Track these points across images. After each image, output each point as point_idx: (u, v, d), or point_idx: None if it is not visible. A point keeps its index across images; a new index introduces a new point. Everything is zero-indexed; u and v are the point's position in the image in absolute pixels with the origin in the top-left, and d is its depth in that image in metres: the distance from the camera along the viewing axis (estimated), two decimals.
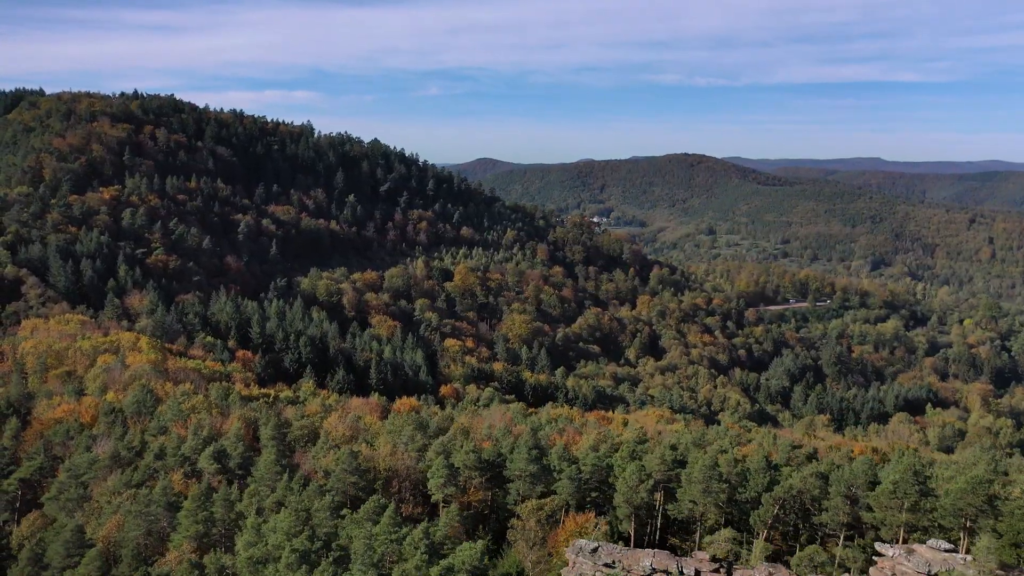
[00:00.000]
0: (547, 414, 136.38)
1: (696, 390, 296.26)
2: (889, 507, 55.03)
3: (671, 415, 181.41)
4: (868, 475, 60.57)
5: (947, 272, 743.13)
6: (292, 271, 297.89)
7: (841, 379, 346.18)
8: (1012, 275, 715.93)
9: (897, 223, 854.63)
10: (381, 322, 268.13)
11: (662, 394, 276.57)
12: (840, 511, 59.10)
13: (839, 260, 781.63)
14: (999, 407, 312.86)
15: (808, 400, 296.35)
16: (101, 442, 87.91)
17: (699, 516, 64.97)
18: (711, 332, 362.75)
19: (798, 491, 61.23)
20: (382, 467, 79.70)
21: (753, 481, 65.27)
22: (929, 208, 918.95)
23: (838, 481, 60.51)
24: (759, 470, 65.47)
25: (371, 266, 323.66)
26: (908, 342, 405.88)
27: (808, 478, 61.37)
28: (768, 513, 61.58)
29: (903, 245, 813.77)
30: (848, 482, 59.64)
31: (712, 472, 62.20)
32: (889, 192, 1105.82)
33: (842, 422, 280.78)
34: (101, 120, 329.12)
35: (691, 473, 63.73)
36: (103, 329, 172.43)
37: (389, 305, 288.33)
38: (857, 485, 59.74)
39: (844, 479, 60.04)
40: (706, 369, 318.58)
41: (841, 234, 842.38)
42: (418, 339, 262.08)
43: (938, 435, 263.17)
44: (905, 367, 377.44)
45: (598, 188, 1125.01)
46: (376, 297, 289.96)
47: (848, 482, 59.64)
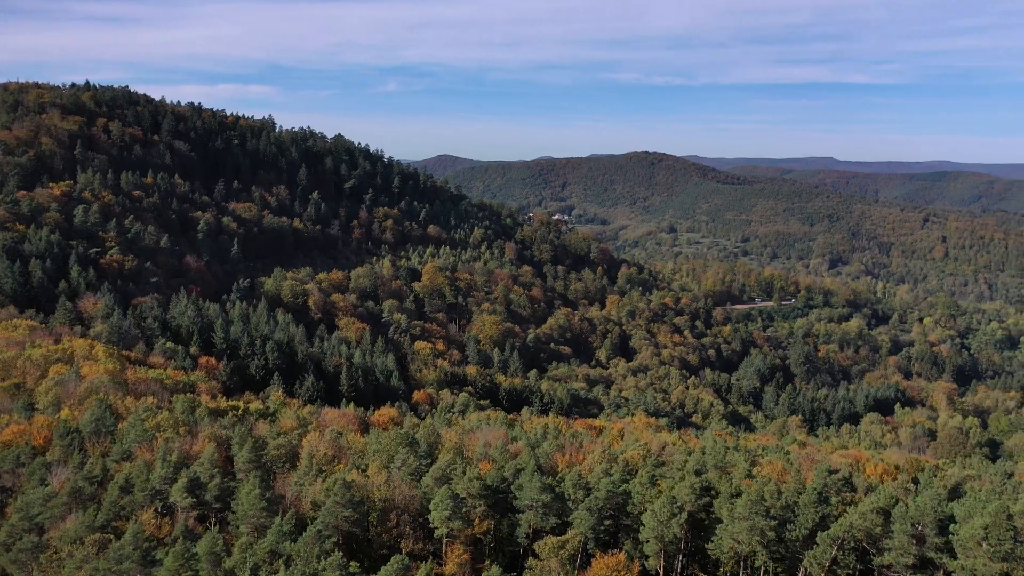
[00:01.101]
0: (536, 427, 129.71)
1: (669, 392, 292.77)
2: (978, 554, 49.90)
3: (656, 422, 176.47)
4: (936, 511, 55.41)
5: (903, 270, 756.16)
6: (255, 271, 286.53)
7: (810, 379, 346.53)
8: (964, 273, 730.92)
9: (854, 222, 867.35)
10: (349, 324, 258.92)
11: (636, 397, 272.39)
12: (907, 552, 53.94)
13: (798, 258, 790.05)
14: (964, 406, 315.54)
15: (779, 401, 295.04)
16: (57, 471, 78.87)
17: (743, 556, 59.26)
18: (680, 332, 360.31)
19: (859, 529, 55.88)
20: (377, 497, 72.37)
21: (803, 517, 59.77)
22: (884, 207, 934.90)
23: (902, 518, 55.34)
24: (809, 504, 59.99)
25: (336, 266, 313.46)
26: (872, 341, 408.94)
27: (868, 514, 56.07)
28: (826, 555, 56.17)
29: (860, 244, 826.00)
30: (914, 519, 54.50)
31: (758, 507, 56.49)
32: (844, 191, 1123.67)
33: (814, 423, 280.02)
34: (51, 112, 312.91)
35: (734, 509, 57.87)
36: (54, 336, 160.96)
37: (356, 306, 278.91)
38: (924, 523, 54.64)
39: (909, 516, 54.86)
40: (677, 370, 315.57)
41: (800, 232, 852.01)
42: (388, 342, 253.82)
43: (910, 435, 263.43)
44: (870, 366, 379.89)
45: (559, 186, 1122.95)
46: (343, 298, 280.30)
47: (914, 519, 54.50)
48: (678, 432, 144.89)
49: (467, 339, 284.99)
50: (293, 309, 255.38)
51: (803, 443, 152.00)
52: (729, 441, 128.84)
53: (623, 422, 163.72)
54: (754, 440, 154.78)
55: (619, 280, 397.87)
